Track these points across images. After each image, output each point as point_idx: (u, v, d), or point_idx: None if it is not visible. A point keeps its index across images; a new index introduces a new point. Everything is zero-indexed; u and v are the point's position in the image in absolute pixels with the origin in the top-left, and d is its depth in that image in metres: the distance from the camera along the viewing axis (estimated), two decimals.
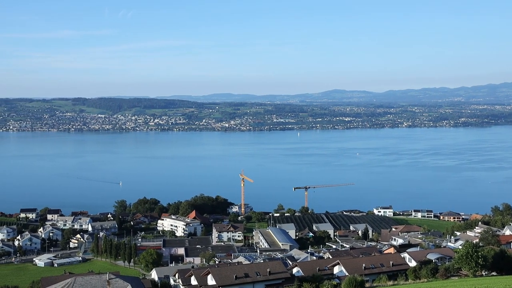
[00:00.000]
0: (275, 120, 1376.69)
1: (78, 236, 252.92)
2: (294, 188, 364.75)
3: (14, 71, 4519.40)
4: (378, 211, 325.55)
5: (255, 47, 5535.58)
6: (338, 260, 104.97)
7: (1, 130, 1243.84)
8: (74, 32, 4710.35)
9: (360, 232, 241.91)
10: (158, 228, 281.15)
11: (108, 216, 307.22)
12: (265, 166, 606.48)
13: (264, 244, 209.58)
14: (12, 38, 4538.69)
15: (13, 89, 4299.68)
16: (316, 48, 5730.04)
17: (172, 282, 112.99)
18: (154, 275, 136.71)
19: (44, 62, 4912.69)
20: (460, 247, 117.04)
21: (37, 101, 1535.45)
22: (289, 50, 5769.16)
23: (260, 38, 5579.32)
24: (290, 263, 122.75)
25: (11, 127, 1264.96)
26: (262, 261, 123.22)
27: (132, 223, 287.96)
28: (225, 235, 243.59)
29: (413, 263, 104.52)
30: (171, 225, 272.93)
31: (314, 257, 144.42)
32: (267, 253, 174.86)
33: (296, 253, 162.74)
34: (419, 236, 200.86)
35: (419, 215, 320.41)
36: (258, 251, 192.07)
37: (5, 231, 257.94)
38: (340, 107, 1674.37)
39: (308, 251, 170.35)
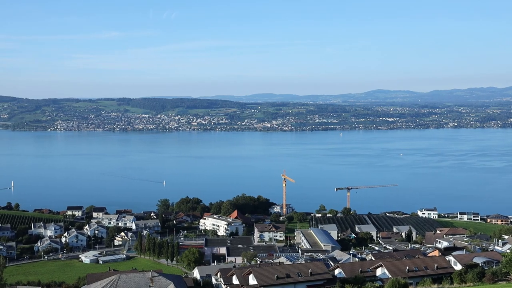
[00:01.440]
0: (317, 120, 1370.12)
1: (122, 234, 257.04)
2: (336, 189, 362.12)
3: (61, 72, 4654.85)
4: (422, 213, 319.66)
5: (296, 47, 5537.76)
6: (381, 262, 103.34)
7: (49, 129, 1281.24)
8: (119, 33, 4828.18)
9: (403, 234, 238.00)
10: (200, 227, 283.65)
11: (152, 214, 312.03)
12: (307, 166, 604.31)
13: (305, 245, 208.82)
14: (59, 39, 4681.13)
15: (60, 89, 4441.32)
16: (359, 48, 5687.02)
17: (214, 281, 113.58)
18: (196, 273, 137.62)
19: (90, 63, 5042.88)
20: (508, 251, 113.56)
21: (84, 101, 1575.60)
22: (331, 50, 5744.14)
23: (301, 38, 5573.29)
24: (332, 264, 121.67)
25: (58, 127, 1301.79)
26: (303, 262, 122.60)
27: (174, 222, 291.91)
28: (266, 235, 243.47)
29: (458, 267, 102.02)
30: (213, 224, 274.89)
31: (356, 259, 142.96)
32: (309, 254, 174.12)
33: (338, 254, 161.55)
34: (465, 239, 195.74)
35: (465, 217, 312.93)
36: (299, 251, 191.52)
37: (53, 228, 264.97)
38: (384, 107, 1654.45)
39: (350, 252, 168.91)
